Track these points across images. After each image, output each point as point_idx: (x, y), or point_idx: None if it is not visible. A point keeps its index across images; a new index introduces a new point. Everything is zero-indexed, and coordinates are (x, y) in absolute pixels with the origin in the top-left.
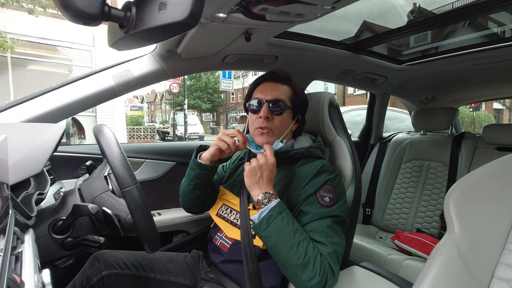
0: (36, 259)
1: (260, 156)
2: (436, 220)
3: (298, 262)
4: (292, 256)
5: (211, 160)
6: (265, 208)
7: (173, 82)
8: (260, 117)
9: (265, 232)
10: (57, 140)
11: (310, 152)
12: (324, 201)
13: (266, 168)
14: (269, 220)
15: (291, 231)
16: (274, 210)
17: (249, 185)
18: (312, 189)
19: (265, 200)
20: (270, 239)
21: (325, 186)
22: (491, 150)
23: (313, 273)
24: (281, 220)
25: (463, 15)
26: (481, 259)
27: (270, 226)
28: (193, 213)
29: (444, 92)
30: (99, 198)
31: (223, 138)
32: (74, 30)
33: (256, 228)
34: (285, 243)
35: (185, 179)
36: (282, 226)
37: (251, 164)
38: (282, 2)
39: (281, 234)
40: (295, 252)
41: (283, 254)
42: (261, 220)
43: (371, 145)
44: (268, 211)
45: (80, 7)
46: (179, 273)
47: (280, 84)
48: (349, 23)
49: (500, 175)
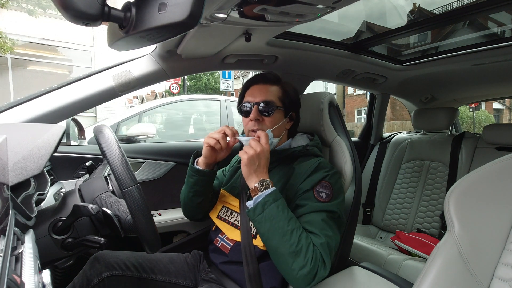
0: (36, 259)
1: (256, 144)
2: (436, 220)
3: (291, 250)
4: (284, 243)
5: (207, 164)
6: (261, 194)
7: (173, 82)
8: (251, 120)
9: (260, 217)
10: (57, 141)
11: (308, 151)
12: (320, 197)
13: (263, 156)
14: (264, 206)
15: (285, 219)
16: (270, 197)
17: (247, 174)
18: (309, 185)
19: (262, 187)
20: (264, 225)
21: (322, 182)
22: (491, 150)
23: (304, 262)
24: (276, 207)
25: (463, 15)
26: (482, 259)
27: (265, 211)
28: (197, 221)
29: (444, 92)
30: (99, 198)
31: (211, 135)
32: (74, 31)
33: (250, 213)
34: (279, 229)
35: (185, 187)
36: (277, 213)
37: (248, 153)
38: (282, 3)
39: (275, 220)
40: (288, 240)
41: (275, 241)
42: (256, 205)
43: (371, 145)
44: (263, 196)
45: (80, 8)
46: (180, 273)
47: (269, 85)
48: (349, 23)
49: (500, 175)
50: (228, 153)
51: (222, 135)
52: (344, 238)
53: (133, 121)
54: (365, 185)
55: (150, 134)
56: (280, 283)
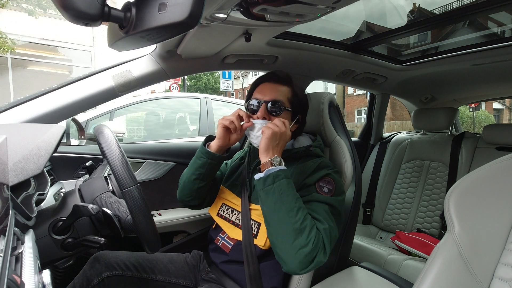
0: (36, 259)
1: (282, 124)
2: (436, 220)
3: (295, 226)
4: (289, 219)
5: (219, 146)
6: (273, 168)
7: (173, 82)
8: (258, 118)
9: (269, 187)
10: (57, 141)
11: (310, 151)
12: (322, 191)
13: (284, 137)
14: (275, 178)
15: (293, 196)
16: (283, 172)
17: (265, 148)
18: (311, 181)
19: (276, 163)
20: (272, 197)
21: (325, 177)
22: (491, 150)
23: (306, 241)
24: (287, 183)
25: (463, 15)
26: (482, 259)
27: (275, 183)
28: (190, 207)
29: (444, 92)
30: (99, 198)
31: (226, 117)
32: (74, 31)
33: (260, 182)
34: (286, 203)
35: (188, 169)
36: (287, 188)
37: (273, 129)
38: (282, 3)
39: (284, 194)
40: (294, 216)
41: (281, 215)
42: (268, 176)
43: (371, 145)
44: (276, 170)
45: (80, 8)
46: (180, 274)
47: (280, 85)
48: (349, 23)
49: (500, 175)
50: (241, 136)
51: (237, 116)
52: (344, 238)
53: (105, 119)
54: (365, 185)
55: (120, 133)
56: (280, 283)
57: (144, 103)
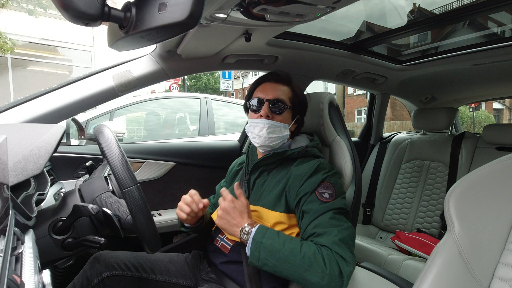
0: (36, 259)
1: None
2: (436, 220)
3: (303, 268)
4: (294, 267)
5: (192, 222)
6: (248, 240)
7: (173, 82)
8: (261, 116)
9: (261, 260)
10: (57, 141)
11: (307, 152)
12: (323, 198)
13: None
14: (257, 250)
15: (280, 244)
16: (257, 236)
17: (225, 228)
18: (310, 188)
19: (245, 236)
20: (269, 263)
21: (323, 183)
22: (491, 150)
23: (320, 269)
24: (267, 240)
25: (463, 15)
26: (482, 259)
27: (261, 252)
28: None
29: (444, 92)
30: (99, 198)
31: (180, 207)
32: (74, 31)
33: (252, 262)
34: (282, 257)
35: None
36: (272, 245)
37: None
38: (282, 3)
39: (273, 252)
40: (294, 261)
41: (287, 269)
42: (252, 252)
43: (371, 145)
44: (251, 241)
45: (80, 8)
46: (180, 274)
47: (281, 85)
48: (349, 23)
49: (500, 175)
50: (206, 208)
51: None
52: None
53: (105, 119)
54: (365, 185)
55: (120, 133)
56: (280, 283)
57: (144, 103)
